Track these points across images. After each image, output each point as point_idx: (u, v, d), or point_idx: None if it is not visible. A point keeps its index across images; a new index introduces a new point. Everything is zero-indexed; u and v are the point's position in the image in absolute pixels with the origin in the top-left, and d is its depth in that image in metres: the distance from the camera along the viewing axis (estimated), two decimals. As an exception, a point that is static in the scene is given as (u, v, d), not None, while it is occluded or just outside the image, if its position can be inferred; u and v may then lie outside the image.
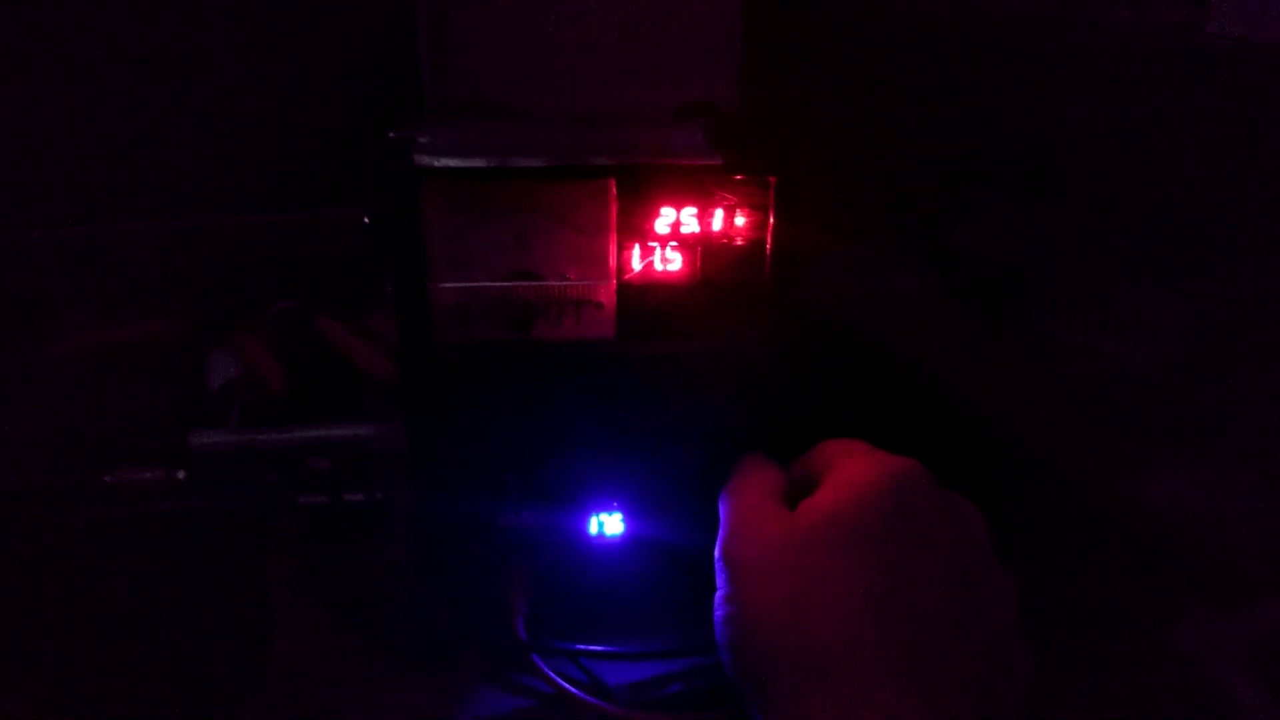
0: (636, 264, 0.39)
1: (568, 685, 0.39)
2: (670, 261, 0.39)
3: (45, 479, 0.45)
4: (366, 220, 0.42)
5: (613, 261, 0.39)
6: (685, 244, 0.39)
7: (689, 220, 0.38)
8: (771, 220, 0.39)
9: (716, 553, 0.35)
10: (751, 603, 0.32)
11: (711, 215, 0.38)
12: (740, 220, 0.39)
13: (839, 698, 0.28)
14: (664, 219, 0.38)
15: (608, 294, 0.39)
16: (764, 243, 0.39)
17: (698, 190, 0.38)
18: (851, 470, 0.33)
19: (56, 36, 0.49)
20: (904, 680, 0.28)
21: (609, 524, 0.42)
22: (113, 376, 0.48)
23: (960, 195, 0.55)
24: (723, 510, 0.36)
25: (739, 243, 0.39)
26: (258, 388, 0.48)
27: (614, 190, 0.38)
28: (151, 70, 0.51)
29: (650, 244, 0.39)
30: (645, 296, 0.39)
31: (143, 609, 0.44)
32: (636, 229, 0.39)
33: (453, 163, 0.37)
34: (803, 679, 0.29)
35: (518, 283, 0.39)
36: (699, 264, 0.39)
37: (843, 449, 0.36)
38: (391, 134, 0.39)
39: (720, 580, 0.34)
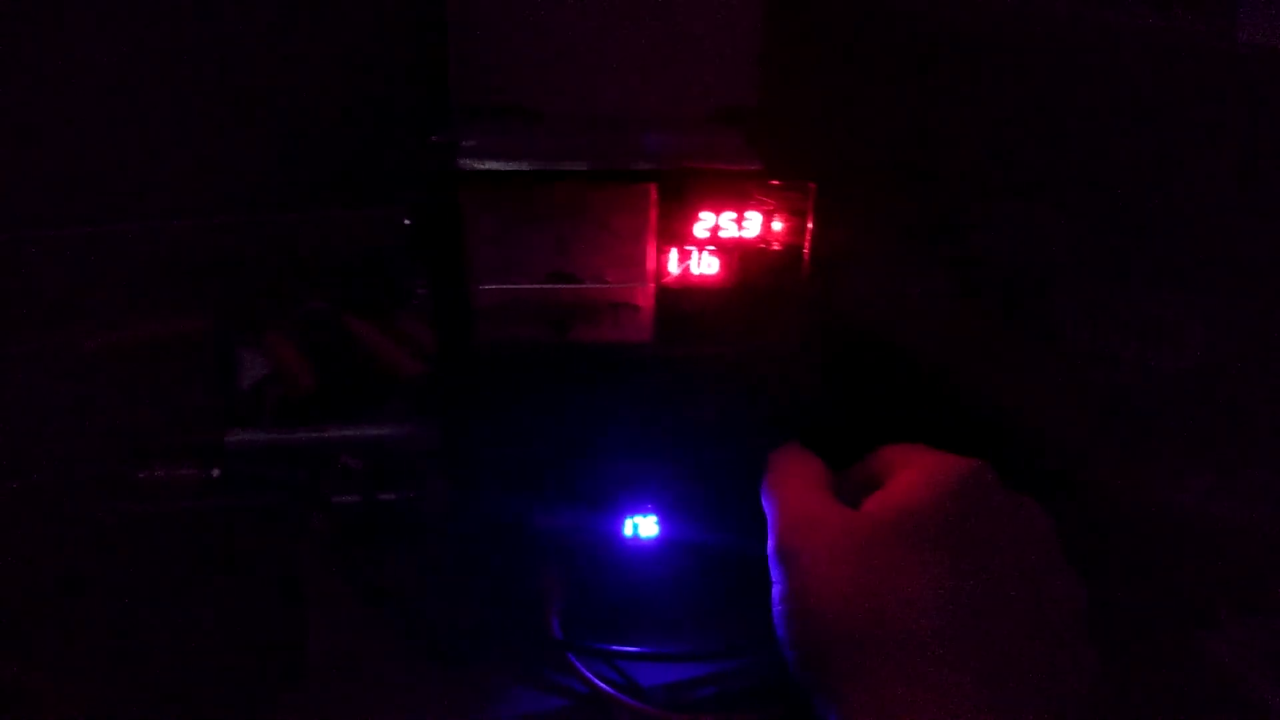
0: (675, 268, 0.39)
1: (604, 685, 0.40)
2: (708, 265, 0.39)
3: (79, 475, 0.45)
4: (406, 222, 0.42)
5: (651, 265, 0.39)
6: (723, 248, 0.39)
7: (727, 225, 0.39)
8: (810, 225, 0.39)
9: (771, 548, 0.34)
10: (820, 597, 0.31)
11: (750, 220, 0.39)
12: (778, 225, 0.39)
13: (915, 690, 0.28)
14: (703, 223, 0.38)
15: (646, 297, 0.39)
16: (801, 248, 0.39)
17: (737, 195, 0.38)
18: (918, 469, 0.34)
19: (88, 32, 0.49)
20: (977, 676, 0.28)
21: (643, 526, 0.42)
22: (146, 374, 0.49)
23: (985, 200, 0.55)
24: (771, 506, 0.36)
25: (776, 247, 0.39)
26: (288, 386, 0.49)
27: (655, 195, 0.38)
28: (184, 69, 0.52)
29: (688, 248, 0.39)
30: (683, 300, 0.40)
31: (175, 606, 0.44)
32: (675, 233, 0.39)
33: (496, 166, 0.37)
34: (877, 673, 0.29)
35: (557, 285, 0.39)
36: (736, 268, 0.39)
37: (907, 450, 0.36)
38: (434, 138, 0.39)
39: (778, 576, 0.33)
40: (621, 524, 0.42)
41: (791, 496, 0.35)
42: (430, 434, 0.45)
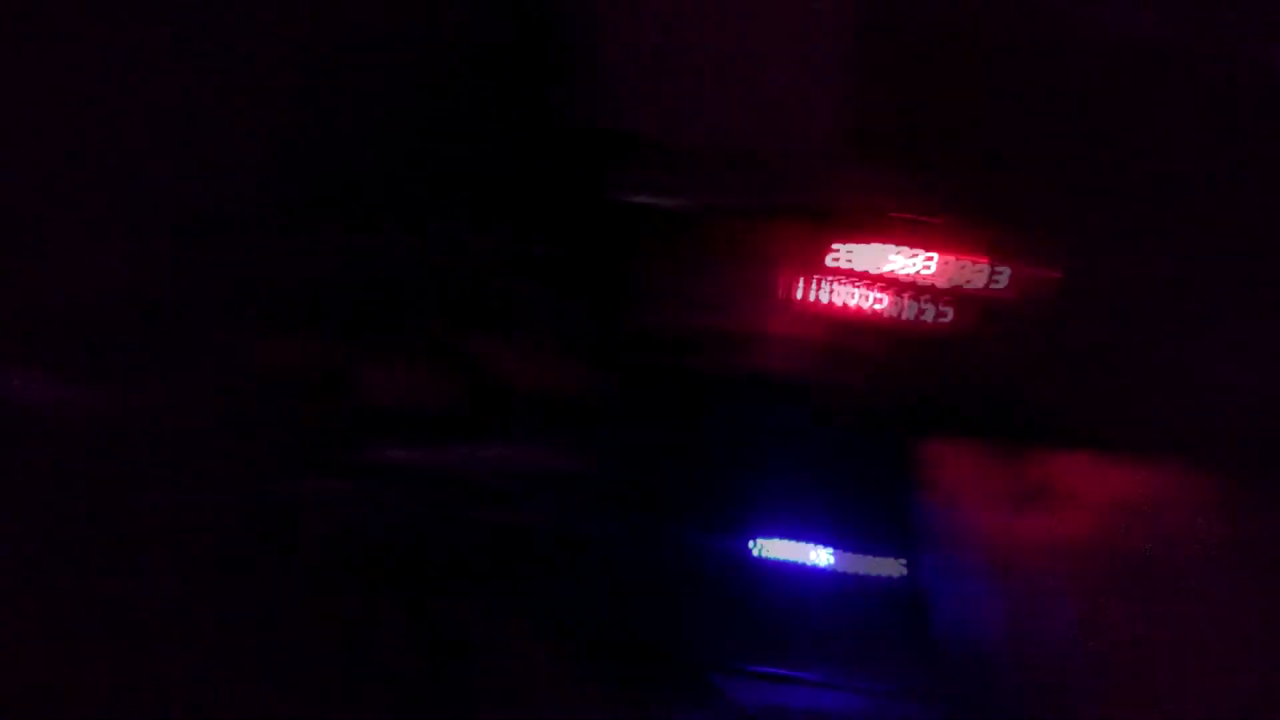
0: (817, 299, 0.40)
1: (767, 701, 0.40)
2: (855, 299, 0.40)
3: (222, 497, 0.46)
4: (545, 249, 0.43)
5: (794, 297, 0.40)
6: (874, 282, 0.40)
7: (878, 259, 0.40)
8: (952, 259, 0.40)
9: (947, 562, 0.35)
10: (1048, 623, 0.32)
11: (895, 254, 0.40)
12: (925, 259, 0.40)
13: (1125, 699, 0.29)
14: (853, 256, 0.39)
15: (789, 328, 0.40)
16: (945, 282, 0.40)
17: (882, 229, 0.39)
18: (1110, 485, 0.33)
19: (229, 49, 0.49)
20: (1204, 694, 0.29)
21: (784, 550, 0.43)
22: (281, 395, 0.49)
23: (1081, 218, 0.56)
24: (943, 517, 0.36)
25: (922, 281, 0.40)
26: (420, 406, 0.49)
27: (802, 228, 0.39)
28: (286, 85, 0.52)
29: (834, 281, 0.40)
30: (826, 332, 0.41)
31: (304, 622, 0.44)
32: (819, 266, 0.40)
33: (654, 200, 0.38)
34: (1118, 701, 0.30)
35: (704, 314, 0.40)
36: (884, 302, 0.40)
37: (1085, 463, 0.36)
38: (580, 168, 0.40)
39: (969, 590, 0.34)
40: (756, 546, 0.43)
41: (971, 509, 0.35)
42: (571, 456, 0.45)
